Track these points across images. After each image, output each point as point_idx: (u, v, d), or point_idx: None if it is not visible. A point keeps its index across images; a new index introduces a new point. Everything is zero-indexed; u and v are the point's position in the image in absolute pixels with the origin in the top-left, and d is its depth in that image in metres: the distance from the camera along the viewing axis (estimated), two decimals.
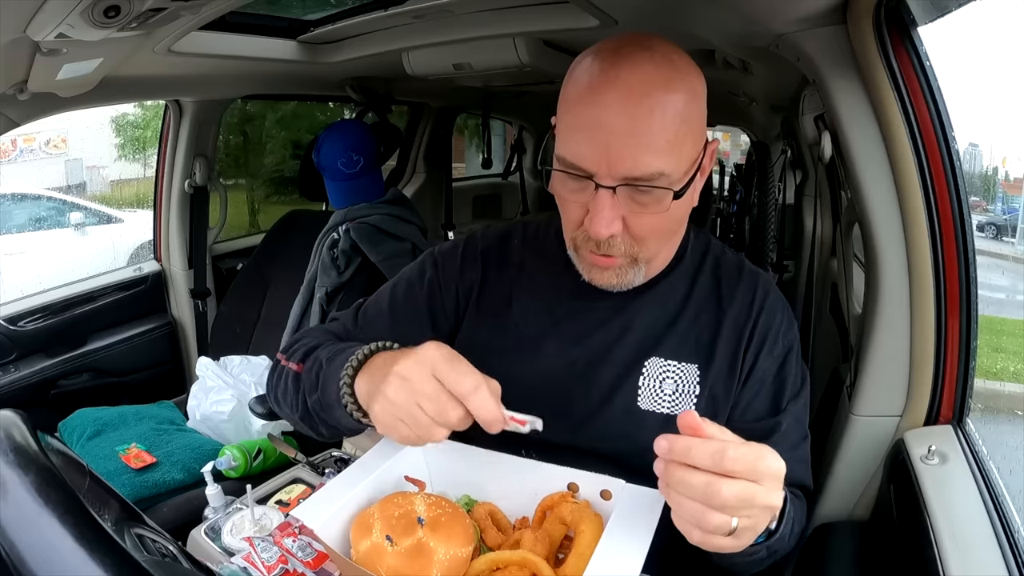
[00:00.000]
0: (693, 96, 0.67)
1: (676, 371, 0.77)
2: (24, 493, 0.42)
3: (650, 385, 0.77)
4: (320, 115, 3.14)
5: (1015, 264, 2.13)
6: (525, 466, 0.68)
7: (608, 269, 0.73)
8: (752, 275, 0.82)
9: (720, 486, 0.49)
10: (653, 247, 0.72)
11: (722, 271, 0.82)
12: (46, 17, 0.82)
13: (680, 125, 0.65)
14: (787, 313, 0.81)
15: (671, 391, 0.77)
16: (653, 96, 0.63)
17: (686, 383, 0.77)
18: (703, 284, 0.81)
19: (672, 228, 0.75)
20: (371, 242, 1.63)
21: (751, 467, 0.50)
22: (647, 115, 0.63)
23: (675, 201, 0.67)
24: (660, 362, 0.78)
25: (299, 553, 0.68)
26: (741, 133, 4.93)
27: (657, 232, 0.71)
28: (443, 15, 1.33)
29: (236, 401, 1.58)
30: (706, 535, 0.52)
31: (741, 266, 0.83)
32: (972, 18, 0.82)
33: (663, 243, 0.75)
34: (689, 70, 0.67)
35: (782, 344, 0.79)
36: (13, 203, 3.73)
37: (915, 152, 0.85)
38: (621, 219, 0.67)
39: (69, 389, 1.81)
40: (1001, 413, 1.42)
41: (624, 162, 0.64)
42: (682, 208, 0.72)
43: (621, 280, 0.74)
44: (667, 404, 0.77)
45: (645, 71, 0.64)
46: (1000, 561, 0.69)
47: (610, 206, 0.66)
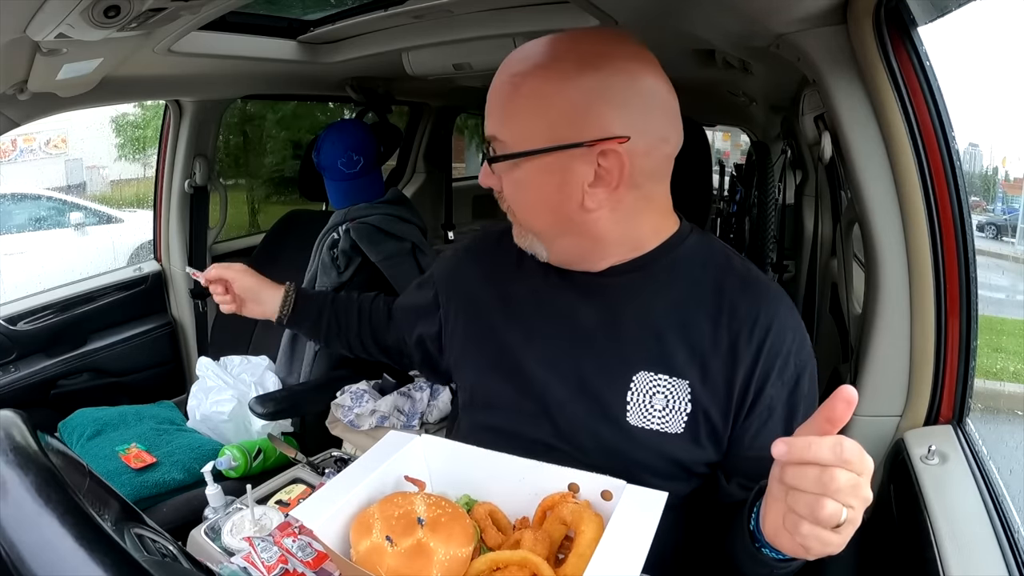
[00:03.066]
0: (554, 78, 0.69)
1: (666, 385, 0.73)
2: (24, 493, 0.42)
3: (638, 400, 0.73)
4: (320, 115, 3.14)
5: (1015, 264, 2.13)
6: (525, 466, 0.68)
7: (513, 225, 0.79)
8: (760, 288, 0.75)
9: (835, 472, 0.49)
10: (520, 214, 0.76)
11: (725, 281, 0.75)
12: (46, 17, 0.82)
13: (519, 103, 0.71)
14: (799, 332, 0.74)
15: (661, 406, 0.73)
16: (506, 74, 0.72)
17: (677, 398, 0.73)
18: (700, 293, 0.75)
19: (525, 199, 0.75)
20: (371, 242, 1.63)
21: (860, 459, 0.50)
22: (498, 88, 0.72)
23: (520, 172, 0.72)
24: (649, 376, 0.73)
25: (299, 553, 0.68)
26: (741, 133, 4.93)
27: (512, 199, 0.76)
28: (443, 15, 1.33)
29: (236, 401, 1.58)
30: (817, 528, 0.51)
31: (748, 276, 0.76)
32: (972, 18, 0.82)
33: (526, 214, 0.76)
34: (569, 58, 0.69)
35: (793, 367, 0.73)
36: (13, 203, 3.73)
37: (915, 152, 0.85)
38: (498, 178, 0.75)
39: (69, 389, 1.81)
40: (1001, 413, 1.42)
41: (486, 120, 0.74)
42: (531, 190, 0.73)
43: (523, 241, 0.79)
44: (657, 420, 0.73)
45: (515, 58, 0.72)
46: (1000, 561, 0.69)
47: (486, 164, 0.76)
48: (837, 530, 0.52)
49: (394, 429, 1.35)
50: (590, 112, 0.68)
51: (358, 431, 1.46)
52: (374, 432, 1.43)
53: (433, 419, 1.49)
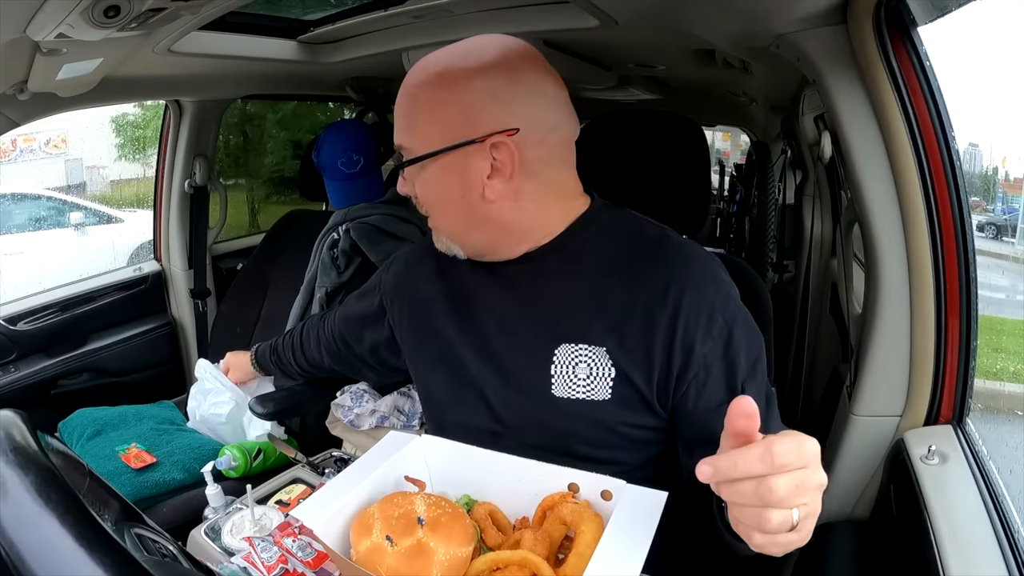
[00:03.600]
0: (445, 89, 0.74)
1: (588, 354, 0.75)
2: (24, 493, 0.42)
3: (562, 372, 0.76)
4: (320, 115, 3.14)
5: (1015, 264, 2.13)
6: (525, 466, 0.68)
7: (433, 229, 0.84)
8: (675, 250, 0.77)
9: (771, 483, 0.48)
10: (433, 216, 0.82)
11: (638, 248, 0.79)
12: (46, 17, 0.82)
13: (416, 112, 0.77)
14: (722, 287, 0.76)
15: (585, 375, 0.75)
16: (408, 83, 0.78)
17: (599, 365, 0.75)
18: (614, 263, 0.78)
19: (436, 202, 0.80)
20: (371, 242, 1.63)
21: (797, 454, 0.48)
22: (400, 100, 0.78)
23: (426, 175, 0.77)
24: (570, 347, 0.76)
25: (299, 553, 0.68)
26: (741, 133, 4.93)
27: (424, 201, 0.80)
28: (443, 15, 1.33)
29: (234, 404, 1.58)
30: (769, 536, 0.50)
31: (662, 242, 0.79)
32: (972, 18, 0.82)
33: (438, 215, 0.81)
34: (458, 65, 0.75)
35: (722, 321, 0.74)
36: (13, 203, 3.73)
37: (915, 152, 0.85)
38: (412, 184, 0.80)
39: (69, 389, 1.81)
40: (1001, 413, 1.42)
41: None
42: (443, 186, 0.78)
43: (440, 244, 0.84)
44: (582, 389, 0.75)
45: (418, 67, 0.78)
46: (1000, 561, 0.69)
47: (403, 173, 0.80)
48: (795, 530, 0.50)
49: (394, 429, 1.35)
50: (480, 111, 0.73)
51: (358, 431, 1.45)
52: (374, 432, 1.43)
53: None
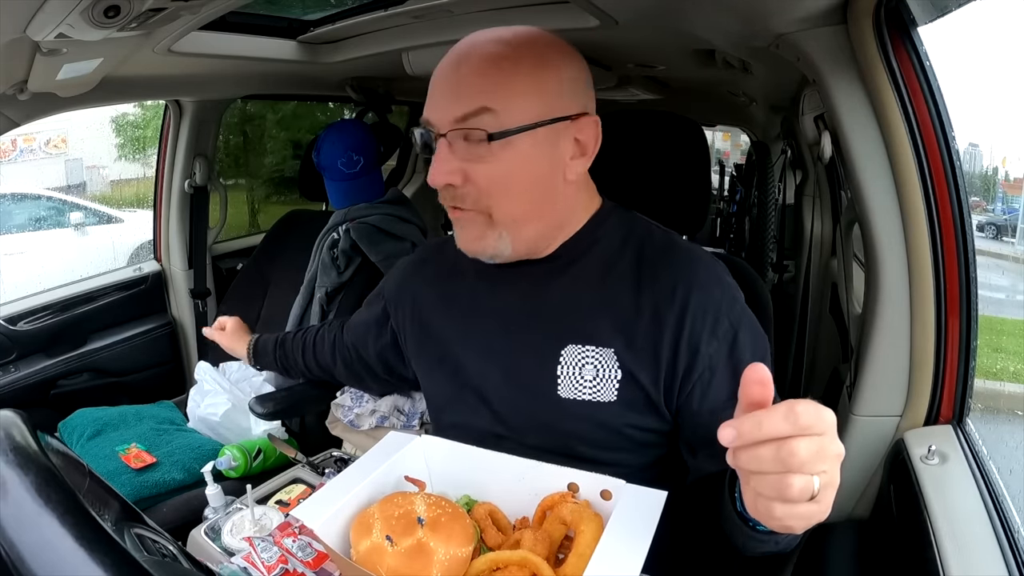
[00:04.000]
0: (537, 59, 0.71)
1: (594, 356, 0.75)
2: (24, 493, 0.42)
3: (569, 373, 0.75)
4: (320, 115, 3.14)
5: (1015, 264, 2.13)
6: (525, 466, 0.68)
7: (464, 227, 0.76)
8: (682, 253, 0.77)
9: (793, 445, 0.45)
10: (502, 202, 0.73)
11: (646, 251, 0.78)
12: (46, 17, 0.82)
13: (508, 75, 0.70)
14: (728, 290, 0.76)
15: (591, 376, 0.75)
16: (478, 54, 0.71)
17: (606, 367, 0.74)
18: (622, 266, 0.77)
19: (520, 187, 0.73)
20: (371, 242, 1.63)
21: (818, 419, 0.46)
22: (469, 60, 0.71)
23: (517, 156, 0.70)
24: (577, 348, 0.75)
25: (299, 553, 0.68)
26: (741, 133, 4.93)
27: (498, 183, 0.72)
28: (443, 15, 1.33)
29: (230, 404, 1.58)
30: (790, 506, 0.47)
31: (670, 245, 0.79)
32: (972, 18, 0.82)
33: (515, 204, 0.74)
34: (537, 43, 0.73)
35: (728, 324, 0.74)
36: (13, 203, 3.73)
37: (915, 152, 0.85)
38: (462, 171, 0.71)
39: (69, 389, 1.81)
40: (1001, 413, 1.42)
41: (450, 106, 0.70)
42: (532, 168, 0.72)
43: (481, 243, 0.76)
44: (589, 390, 0.75)
45: (477, 42, 0.72)
46: (1000, 561, 0.69)
47: (445, 154, 0.71)
48: (815, 500, 0.47)
49: (394, 429, 1.35)
50: (575, 88, 0.73)
51: (358, 431, 1.45)
52: (374, 432, 1.43)
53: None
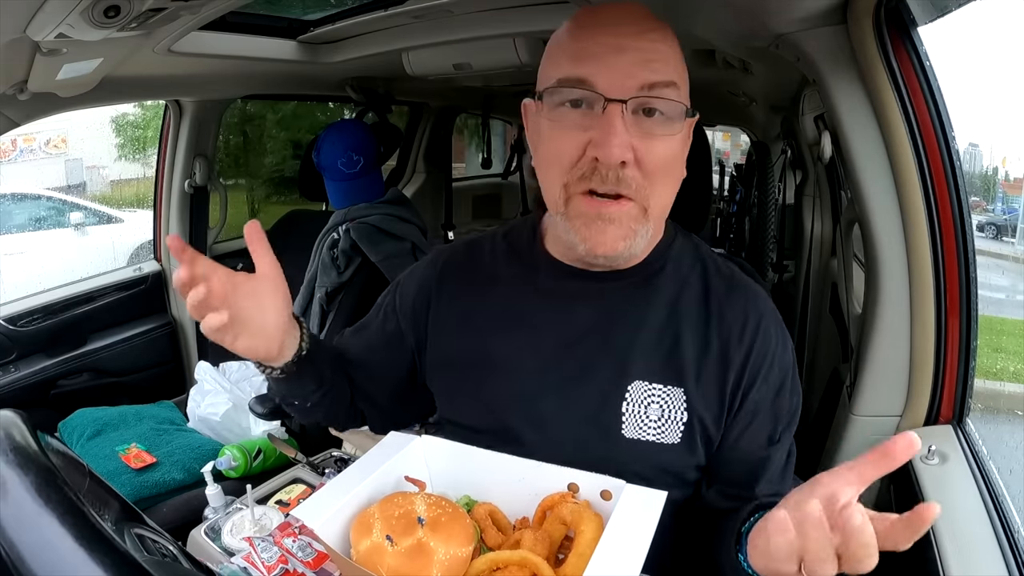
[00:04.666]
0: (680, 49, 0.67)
1: (661, 395, 0.70)
2: (24, 493, 0.42)
3: (634, 411, 0.70)
4: (320, 115, 3.14)
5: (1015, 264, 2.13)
6: (525, 466, 0.68)
7: (613, 222, 0.64)
8: (745, 289, 0.74)
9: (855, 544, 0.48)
10: (661, 190, 0.65)
11: (712, 281, 0.74)
12: (46, 17, 0.82)
13: (678, 55, 0.65)
14: (782, 333, 0.73)
15: (656, 416, 0.70)
16: (649, 14, 0.64)
17: (673, 408, 0.70)
18: (690, 295, 0.73)
19: (677, 171, 0.68)
20: (371, 242, 1.63)
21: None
22: (654, 28, 0.63)
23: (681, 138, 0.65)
24: (644, 386, 0.70)
25: (299, 553, 0.68)
26: (741, 133, 4.92)
27: (666, 169, 0.64)
28: (443, 15, 1.33)
29: (230, 404, 1.58)
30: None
31: (732, 278, 0.75)
32: (972, 18, 0.82)
33: (669, 188, 0.67)
34: None
35: (778, 370, 0.72)
36: (13, 203, 3.73)
37: (915, 152, 0.85)
38: (632, 148, 0.62)
39: (69, 389, 1.81)
40: (1001, 413, 1.42)
41: (635, 69, 0.61)
42: (680, 162, 0.68)
43: (628, 242, 0.66)
44: (653, 431, 0.70)
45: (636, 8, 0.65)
46: (1000, 561, 0.69)
47: (620, 126, 0.61)
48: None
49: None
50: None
51: (358, 431, 1.45)
52: (374, 432, 1.43)
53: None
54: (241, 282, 0.64)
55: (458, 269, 0.81)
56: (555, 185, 0.66)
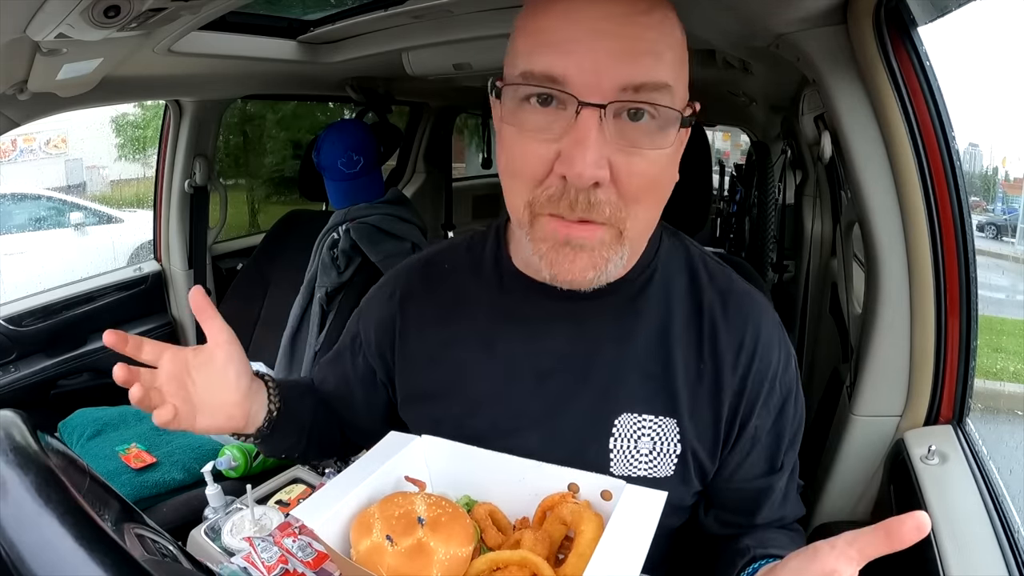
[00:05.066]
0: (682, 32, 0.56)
1: (652, 427, 0.64)
2: (24, 493, 0.42)
3: (623, 447, 0.65)
4: (320, 115, 3.14)
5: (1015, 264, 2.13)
6: (525, 466, 0.68)
7: (583, 250, 0.54)
8: (741, 301, 0.66)
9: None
10: (642, 214, 0.55)
11: (704, 296, 0.66)
12: (46, 17, 0.82)
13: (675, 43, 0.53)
14: (783, 350, 0.67)
15: (648, 450, 0.64)
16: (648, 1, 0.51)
17: (665, 440, 0.64)
18: (679, 314, 0.65)
19: (663, 187, 0.57)
20: (371, 242, 1.63)
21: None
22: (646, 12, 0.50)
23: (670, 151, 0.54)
24: (633, 418, 0.64)
25: (299, 553, 0.68)
26: (741, 133, 4.92)
27: (648, 184, 0.54)
28: (443, 15, 1.33)
29: None
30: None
31: (728, 290, 0.67)
32: (972, 18, 0.82)
33: (651, 207, 0.57)
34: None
35: (779, 393, 0.66)
36: (13, 203, 3.73)
37: (915, 152, 0.85)
38: (608, 165, 0.51)
39: (69, 389, 1.81)
40: (1001, 413, 1.42)
41: (619, 66, 0.49)
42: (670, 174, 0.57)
43: (598, 270, 0.56)
44: (644, 466, 0.65)
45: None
46: (1000, 561, 0.69)
47: (596, 136, 0.49)
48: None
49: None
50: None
51: None
52: None
53: None
54: (191, 357, 0.63)
55: (418, 297, 0.73)
56: (518, 202, 0.56)
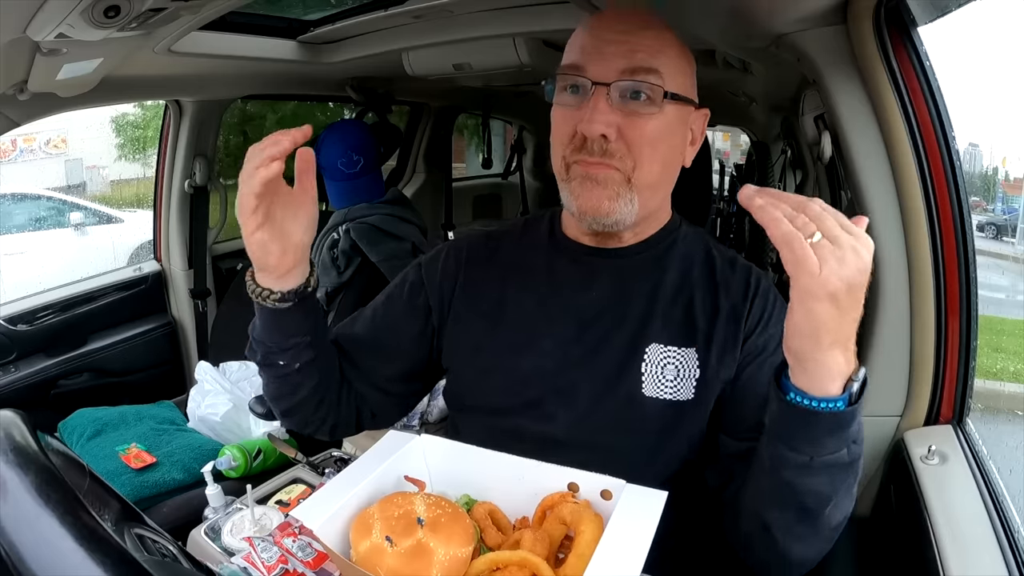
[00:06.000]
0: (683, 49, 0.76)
1: (676, 356, 0.77)
2: (24, 493, 0.42)
3: (652, 371, 0.76)
4: (320, 115, 3.15)
5: (1015, 264, 2.13)
6: (525, 466, 0.68)
7: (600, 183, 0.73)
8: (744, 267, 0.82)
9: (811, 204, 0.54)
10: (646, 164, 0.73)
11: (716, 262, 0.82)
12: (46, 17, 0.82)
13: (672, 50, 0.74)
14: (780, 300, 0.80)
15: (672, 376, 0.76)
16: (645, 18, 0.74)
17: (687, 367, 0.76)
18: (698, 272, 0.81)
19: (665, 154, 0.75)
20: (371, 242, 1.63)
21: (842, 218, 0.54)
22: (643, 25, 0.73)
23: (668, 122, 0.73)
24: (660, 348, 0.77)
25: (299, 553, 0.68)
26: (741, 133, 4.92)
27: (649, 143, 0.72)
28: (443, 15, 1.33)
29: (230, 404, 1.58)
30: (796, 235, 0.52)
31: (734, 259, 0.83)
32: (972, 18, 0.82)
33: (657, 168, 0.75)
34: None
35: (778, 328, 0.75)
36: (13, 203, 3.74)
37: (915, 152, 0.85)
38: (616, 125, 0.71)
39: (69, 389, 1.81)
40: (1001, 413, 1.42)
41: (617, 57, 0.71)
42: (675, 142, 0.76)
43: (612, 205, 0.73)
44: (669, 390, 0.76)
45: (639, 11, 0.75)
46: (1000, 561, 0.69)
47: (604, 104, 0.71)
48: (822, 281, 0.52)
49: (394, 429, 1.35)
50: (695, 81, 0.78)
51: None
52: (374, 432, 1.43)
53: (433, 419, 1.49)
54: (283, 187, 0.71)
55: (481, 255, 0.88)
56: (558, 158, 0.77)
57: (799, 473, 0.61)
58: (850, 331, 0.56)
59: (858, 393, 0.58)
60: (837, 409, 0.57)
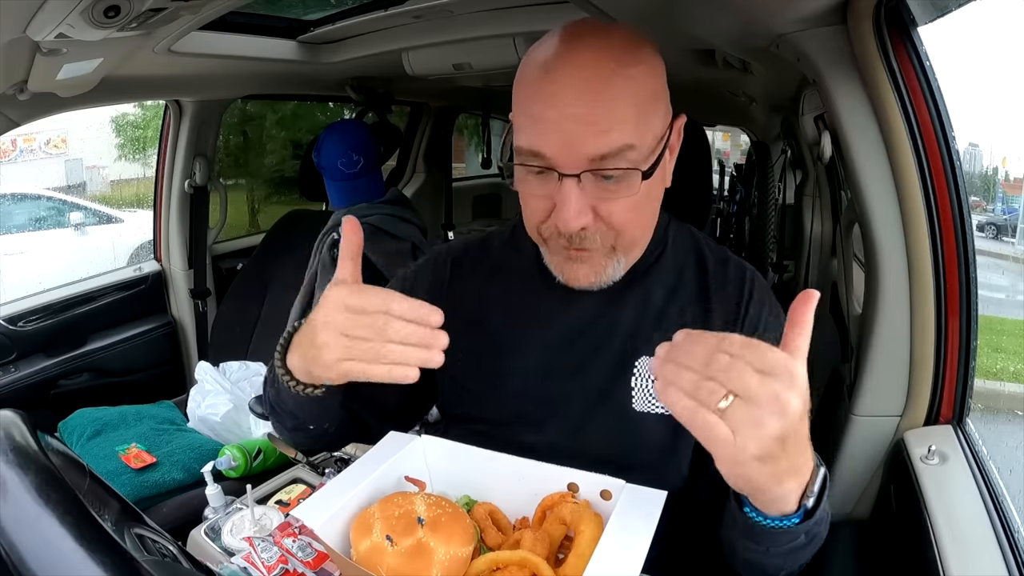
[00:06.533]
0: (652, 71, 0.66)
1: None
2: (24, 493, 0.42)
3: (643, 385, 0.74)
4: (320, 115, 3.14)
5: (1015, 264, 2.13)
6: (525, 466, 0.68)
7: (584, 263, 0.70)
8: (738, 268, 0.79)
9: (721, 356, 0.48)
10: (630, 235, 0.70)
11: (708, 263, 0.79)
12: (46, 17, 0.82)
13: (642, 98, 0.64)
14: (775, 306, 0.78)
15: None
16: (609, 68, 0.62)
17: None
18: (688, 277, 0.78)
19: (649, 212, 0.72)
20: (371, 242, 1.62)
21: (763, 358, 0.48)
22: (604, 88, 0.62)
23: (646, 181, 0.65)
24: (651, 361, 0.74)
25: (299, 553, 0.68)
26: (741, 133, 4.92)
27: (633, 218, 0.68)
28: (443, 15, 1.33)
29: (230, 405, 1.58)
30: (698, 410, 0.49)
31: (726, 259, 0.80)
32: (972, 18, 0.82)
33: (641, 230, 0.72)
34: (646, 48, 0.67)
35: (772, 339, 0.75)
36: (13, 203, 3.74)
37: (915, 152, 0.85)
38: (591, 209, 0.65)
39: (69, 389, 1.81)
40: (1001, 413, 1.42)
41: (586, 143, 0.62)
42: (656, 189, 0.70)
43: (599, 276, 0.72)
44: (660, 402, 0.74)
45: (599, 47, 0.63)
46: (1000, 561, 0.69)
47: (576, 196, 0.64)
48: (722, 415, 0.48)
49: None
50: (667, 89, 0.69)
51: None
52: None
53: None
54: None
55: (466, 265, 0.85)
56: (532, 229, 0.73)
57: (756, 554, 0.61)
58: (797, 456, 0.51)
59: (817, 497, 0.56)
60: (792, 525, 0.57)
